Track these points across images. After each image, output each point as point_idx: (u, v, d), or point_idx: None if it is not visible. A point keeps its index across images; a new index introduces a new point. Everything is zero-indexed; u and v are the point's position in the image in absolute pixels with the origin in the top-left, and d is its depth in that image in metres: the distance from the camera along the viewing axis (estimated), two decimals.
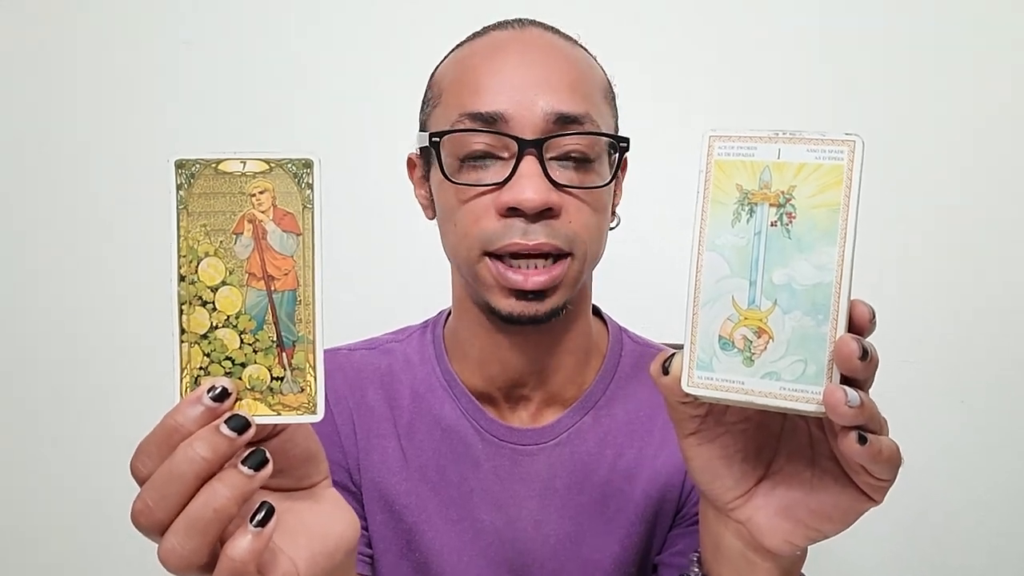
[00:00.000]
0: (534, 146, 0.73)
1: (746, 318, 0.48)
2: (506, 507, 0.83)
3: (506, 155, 0.74)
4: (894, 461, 0.49)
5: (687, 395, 0.51)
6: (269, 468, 0.44)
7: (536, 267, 0.75)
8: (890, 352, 1.39)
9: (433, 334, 0.89)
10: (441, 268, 0.86)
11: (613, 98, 0.83)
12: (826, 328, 0.46)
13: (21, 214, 1.49)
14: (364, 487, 0.85)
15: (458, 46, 0.83)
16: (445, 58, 0.83)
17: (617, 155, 0.78)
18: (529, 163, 0.73)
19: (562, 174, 0.74)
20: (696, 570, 0.65)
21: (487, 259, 0.75)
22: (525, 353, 0.82)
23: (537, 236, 0.73)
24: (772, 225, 0.48)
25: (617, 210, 0.87)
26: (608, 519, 0.83)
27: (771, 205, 0.48)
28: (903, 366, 1.42)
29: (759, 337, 0.48)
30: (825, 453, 0.53)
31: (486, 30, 0.82)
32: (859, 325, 0.47)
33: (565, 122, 0.74)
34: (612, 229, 0.86)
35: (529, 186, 0.72)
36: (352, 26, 1.46)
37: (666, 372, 0.51)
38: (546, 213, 0.73)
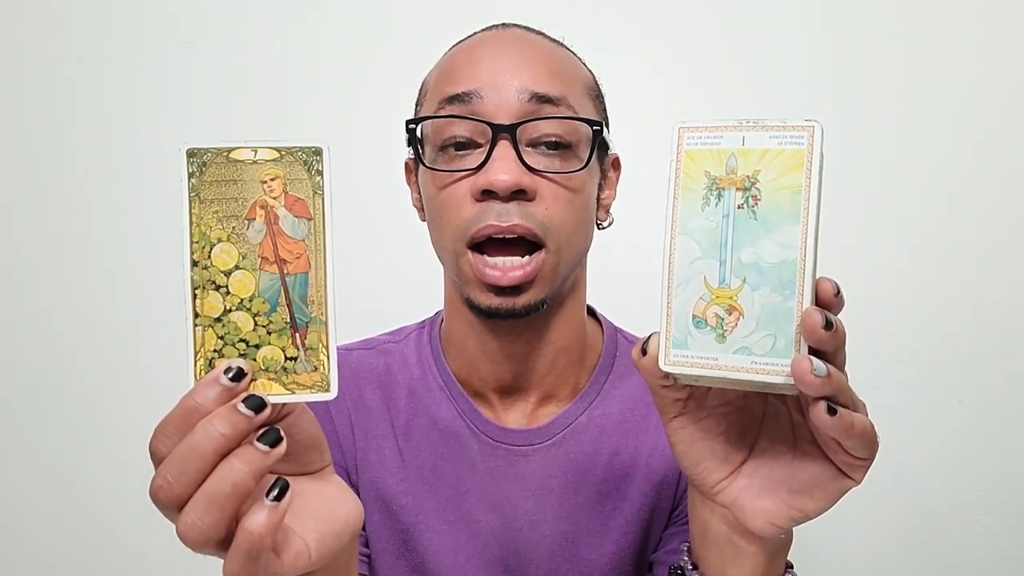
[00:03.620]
0: (507, 131, 0.74)
1: (717, 296, 0.51)
2: (502, 507, 0.83)
3: (483, 141, 0.75)
4: (868, 437, 0.50)
5: (665, 374, 0.53)
6: (283, 446, 0.46)
7: (514, 263, 0.75)
8: (887, 352, 1.41)
9: (430, 334, 0.90)
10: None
11: (598, 97, 0.84)
12: (793, 303, 0.49)
13: (31, 211, 1.50)
14: (361, 487, 0.85)
15: (446, 52, 0.85)
16: (434, 65, 0.85)
17: (592, 142, 0.78)
18: (503, 147, 0.74)
19: (537, 159, 0.75)
20: (686, 559, 0.66)
21: (469, 253, 0.76)
22: (516, 353, 0.82)
23: (511, 217, 0.74)
24: (739, 208, 0.50)
25: (611, 211, 0.87)
26: (604, 518, 0.84)
27: (737, 189, 0.50)
28: (900, 366, 1.43)
29: (730, 314, 0.50)
30: (806, 436, 0.55)
31: (470, 36, 0.84)
32: (825, 300, 0.49)
33: (540, 102, 0.75)
34: (604, 228, 0.86)
35: (501, 167, 0.73)
36: (353, 23, 1.47)
37: (645, 353, 0.53)
38: (519, 195, 0.74)
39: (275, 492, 0.45)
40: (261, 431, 0.45)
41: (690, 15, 1.45)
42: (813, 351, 0.49)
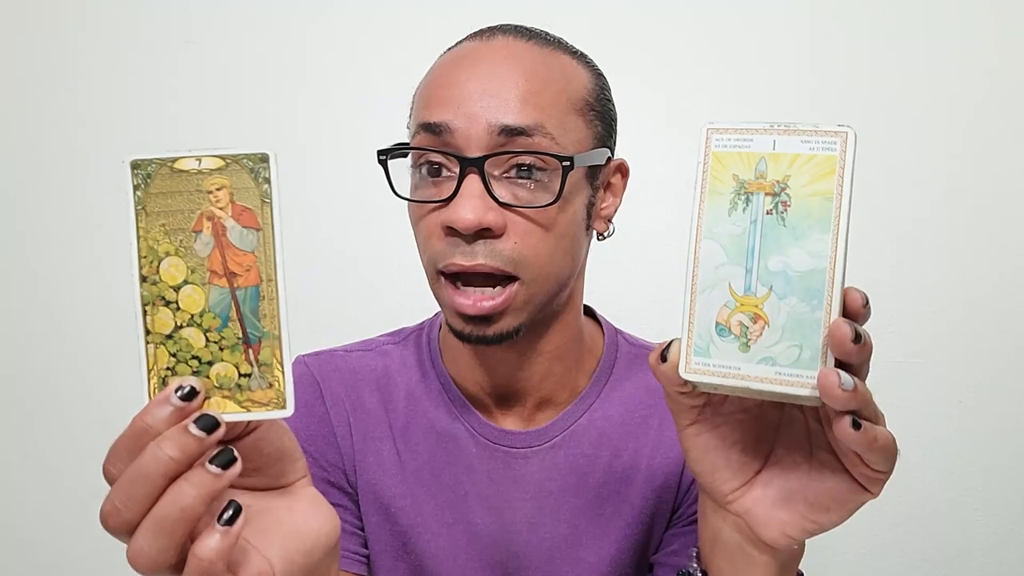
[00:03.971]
0: (475, 164, 0.71)
1: (742, 304, 0.49)
2: (500, 510, 0.83)
3: (456, 170, 0.73)
4: (889, 451, 0.49)
5: (685, 382, 0.51)
6: (237, 467, 0.44)
7: (484, 292, 0.74)
8: (887, 353, 1.40)
9: (428, 336, 0.89)
10: None
11: (592, 109, 0.79)
12: (820, 313, 0.48)
13: (30, 212, 1.52)
14: (360, 489, 0.85)
15: (437, 59, 0.82)
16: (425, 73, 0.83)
17: (562, 175, 0.74)
18: (471, 181, 0.71)
19: (508, 191, 0.73)
20: (695, 565, 0.66)
21: (442, 279, 0.75)
22: (509, 363, 0.82)
23: (475, 257, 0.72)
24: (768, 214, 0.49)
25: (613, 218, 0.84)
26: (604, 521, 0.83)
27: (767, 194, 0.49)
28: (900, 367, 1.43)
29: (755, 323, 0.49)
30: (822, 445, 0.54)
31: (460, 41, 0.81)
32: (853, 311, 0.48)
33: (511, 134, 0.72)
34: (604, 239, 0.84)
35: (465, 205, 0.71)
36: (352, 25, 1.47)
37: (664, 360, 0.51)
38: (485, 233, 0.72)
39: (227, 515, 0.44)
40: (214, 451, 0.44)
41: (689, 15, 1.44)
42: (839, 363, 0.47)
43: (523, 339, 0.79)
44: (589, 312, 0.90)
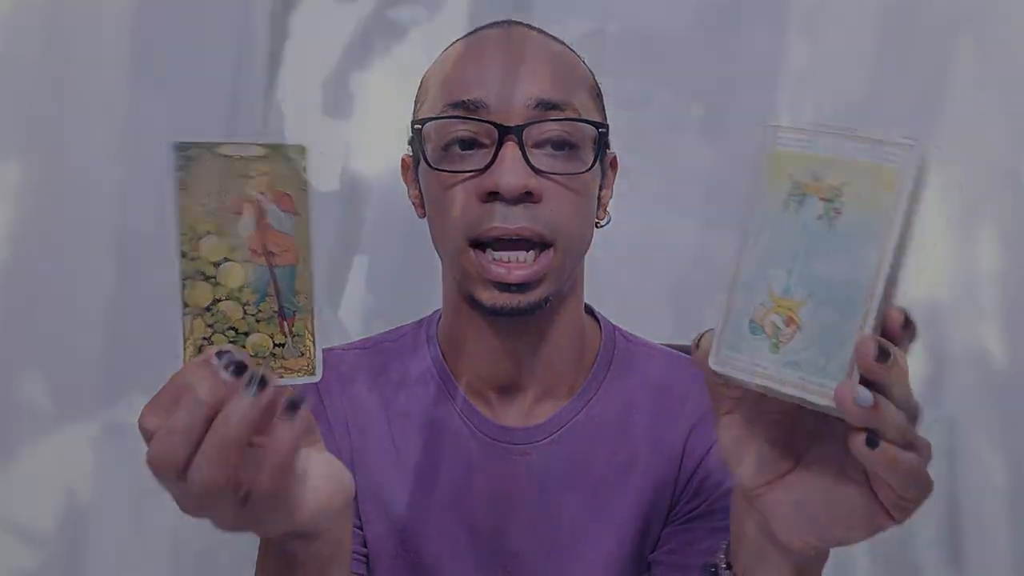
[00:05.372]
0: (514, 132, 0.74)
1: (778, 305, 0.48)
2: (500, 506, 0.83)
3: (488, 142, 0.76)
4: (916, 477, 0.48)
5: (713, 371, 0.52)
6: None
7: (519, 260, 0.75)
8: None
9: (427, 333, 0.90)
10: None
11: (599, 96, 0.84)
12: (853, 326, 0.46)
13: (24, 205, 1.50)
14: (358, 486, 0.83)
15: (447, 48, 0.85)
16: (435, 61, 0.85)
17: (597, 144, 0.79)
18: (509, 148, 0.74)
19: (543, 161, 0.76)
20: (722, 556, 0.65)
21: (471, 251, 0.76)
22: (515, 351, 0.83)
23: (518, 220, 0.74)
24: (818, 218, 0.47)
25: (608, 209, 0.87)
26: (602, 517, 0.84)
27: (820, 199, 0.48)
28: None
29: (787, 326, 0.48)
30: (855, 463, 0.52)
31: (474, 31, 0.84)
32: (889, 330, 0.46)
33: (546, 108, 0.75)
34: (602, 227, 0.86)
35: (509, 170, 0.73)
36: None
37: (698, 347, 0.53)
38: (526, 198, 0.75)
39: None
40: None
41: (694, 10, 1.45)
42: (866, 381, 0.46)
43: (533, 326, 0.81)
44: (588, 310, 0.91)
